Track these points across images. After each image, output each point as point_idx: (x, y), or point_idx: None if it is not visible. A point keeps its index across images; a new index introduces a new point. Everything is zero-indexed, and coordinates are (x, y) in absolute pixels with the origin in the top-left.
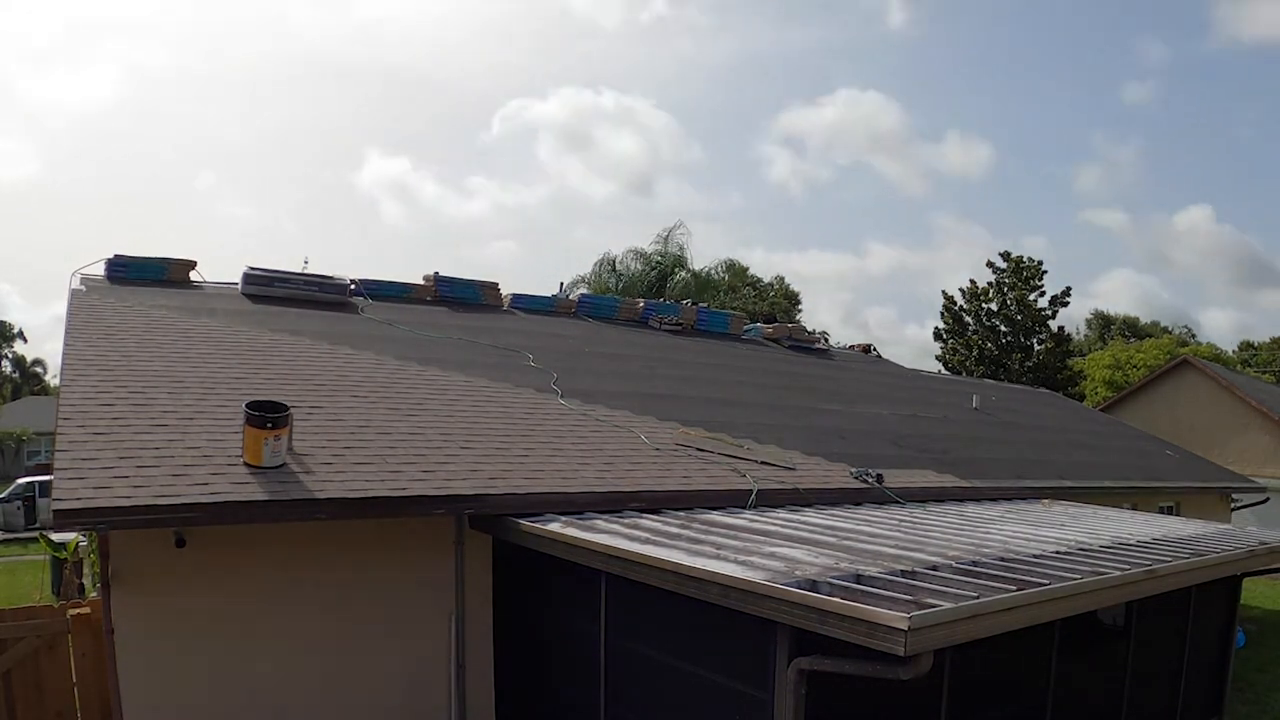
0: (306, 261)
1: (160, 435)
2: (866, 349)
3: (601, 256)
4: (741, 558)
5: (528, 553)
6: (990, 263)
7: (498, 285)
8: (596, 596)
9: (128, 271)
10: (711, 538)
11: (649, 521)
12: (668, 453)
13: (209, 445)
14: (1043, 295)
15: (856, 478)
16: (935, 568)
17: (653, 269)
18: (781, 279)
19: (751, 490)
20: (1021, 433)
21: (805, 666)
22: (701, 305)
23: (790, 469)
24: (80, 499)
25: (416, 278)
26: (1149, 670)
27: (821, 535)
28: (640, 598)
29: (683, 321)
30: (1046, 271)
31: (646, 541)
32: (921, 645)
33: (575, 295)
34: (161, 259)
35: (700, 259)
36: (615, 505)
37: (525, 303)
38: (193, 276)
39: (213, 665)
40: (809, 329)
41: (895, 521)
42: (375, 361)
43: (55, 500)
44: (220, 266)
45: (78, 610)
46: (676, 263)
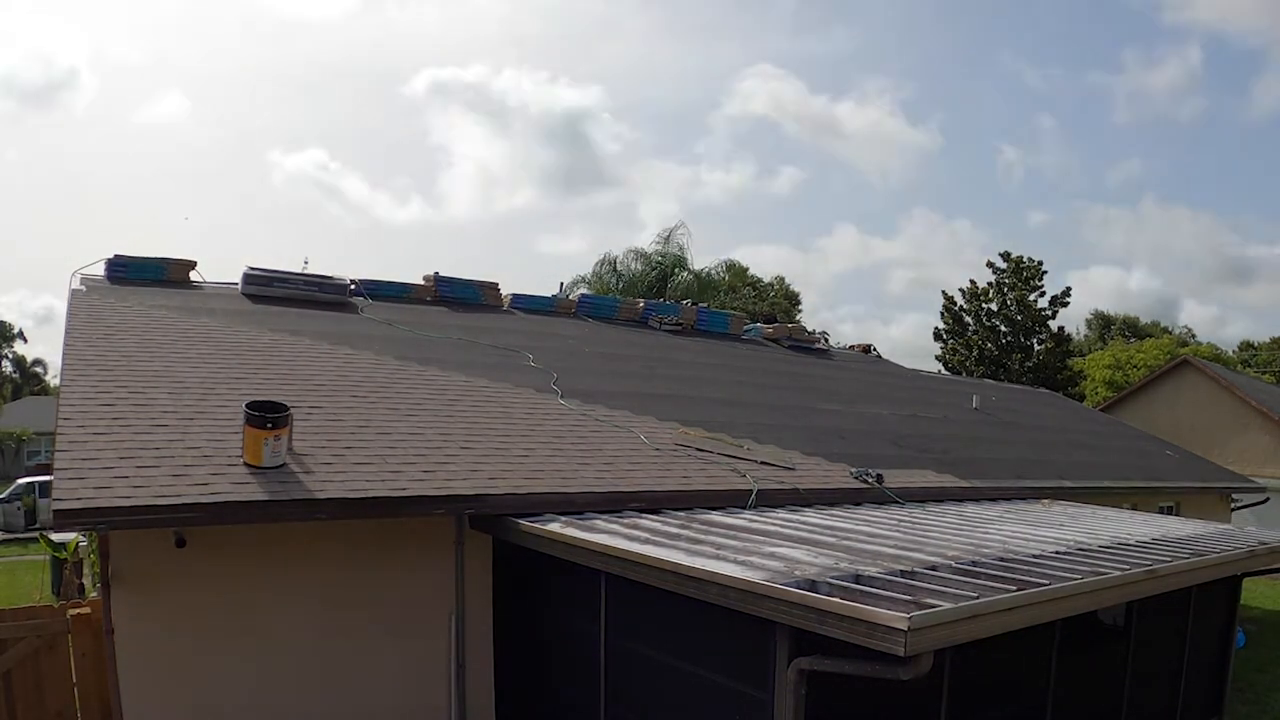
0: (306, 262)
1: (160, 435)
2: (866, 349)
3: (602, 256)
4: (741, 558)
5: (528, 553)
6: (990, 263)
7: (498, 285)
8: (596, 596)
9: (128, 271)
10: (711, 538)
11: (649, 521)
12: (668, 453)
13: (209, 445)
14: (1043, 295)
15: (856, 478)
16: (935, 568)
17: (653, 269)
18: (782, 279)
19: (751, 490)
20: (1021, 433)
21: (805, 666)
22: (702, 305)
23: (790, 469)
24: (80, 499)
25: (407, 277)
26: (1149, 670)
27: (821, 535)
28: (640, 598)
29: (683, 321)
30: (1046, 272)
31: (646, 541)
32: (921, 645)
33: (575, 295)
34: (161, 259)
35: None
36: (615, 505)
37: (525, 303)
38: (192, 276)
39: (213, 665)
40: (809, 329)
41: (895, 521)
42: (375, 361)
43: (56, 500)
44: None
45: (78, 610)
46: (677, 263)
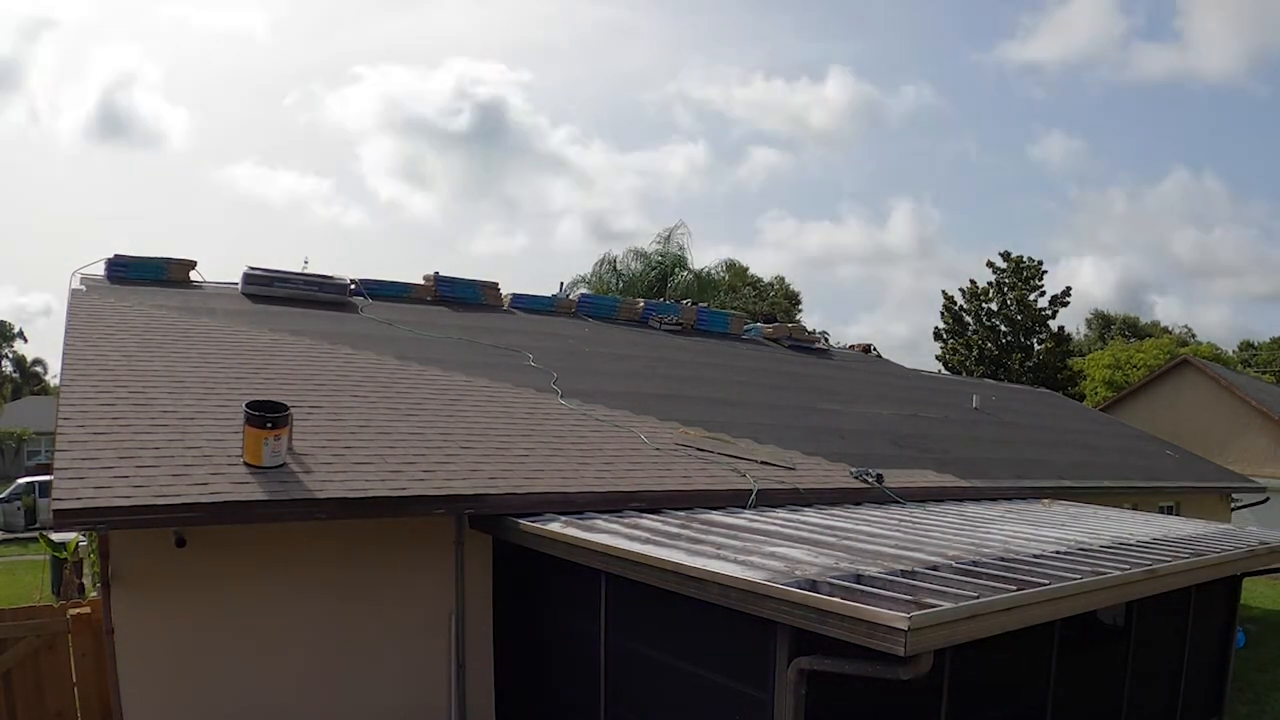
0: (306, 261)
1: (160, 435)
2: (866, 349)
3: (603, 256)
4: (741, 557)
5: (528, 553)
6: (990, 263)
7: (498, 285)
8: (596, 596)
9: (128, 271)
10: (711, 537)
11: (649, 521)
12: (668, 453)
13: (209, 445)
14: (1043, 295)
15: (856, 478)
16: (935, 568)
17: (653, 269)
18: (782, 279)
19: (751, 490)
20: (1021, 433)
21: (805, 666)
22: (702, 305)
23: (790, 469)
24: (80, 499)
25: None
26: (1149, 670)
27: (821, 535)
28: (640, 598)
29: (683, 321)
30: (1046, 271)
31: (646, 541)
32: (921, 645)
33: (575, 295)
34: (161, 259)
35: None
36: (615, 505)
37: (525, 303)
38: (192, 276)
39: (212, 665)
40: (809, 329)
41: (895, 521)
42: (375, 361)
43: (55, 500)
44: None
45: (78, 610)
46: (677, 262)
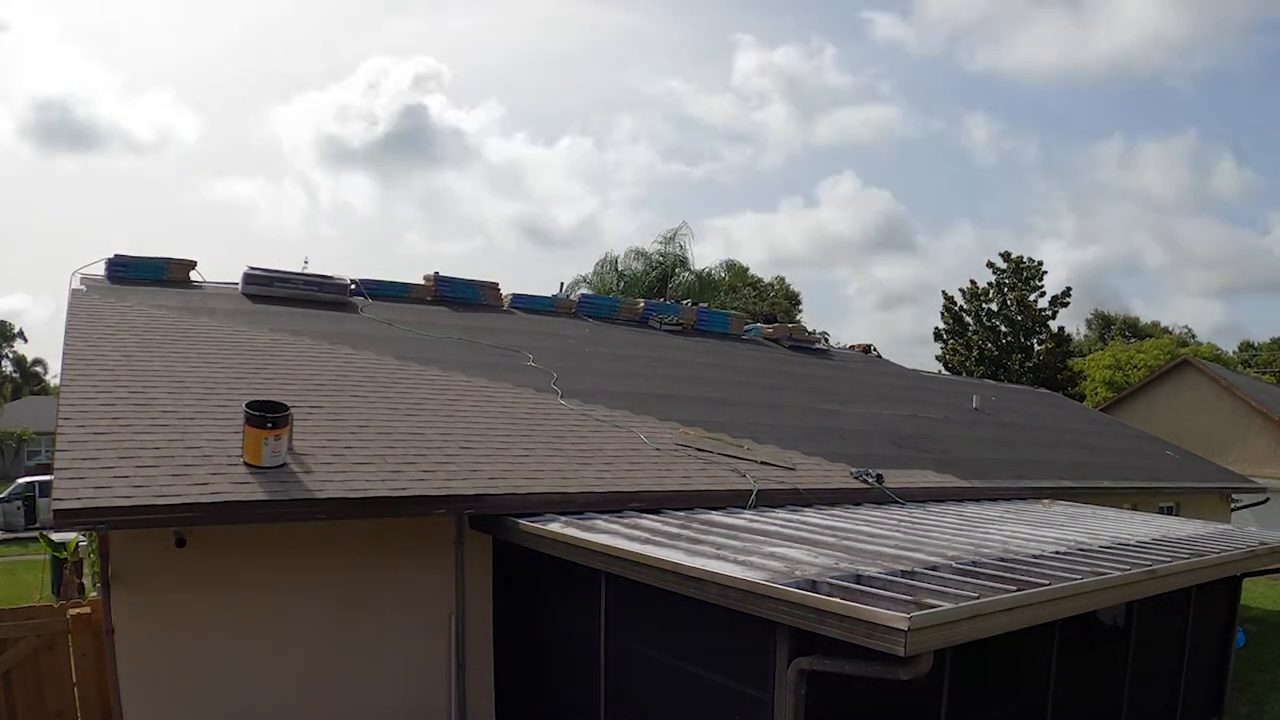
0: (306, 261)
1: (160, 435)
2: (866, 349)
3: (604, 256)
4: (741, 558)
5: (528, 553)
6: (990, 263)
7: (498, 285)
8: (596, 596)
9: (128, 271)
10: (711, 538)
11: (649, 521)
12: (668, 453)
13: (209, 445)
14: (1043, 295)
15: (856, 478)
16: (935, 568)
17: (654, 269)
18: (782, 279)
19: (751, 490)
20: (1021, 433)
21: (805, 666)
22: (702, 305)
23: (790, 469)
24: (80, 499)
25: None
26: (1149, 670)
27: (821, 535)
28: (640, 598)
29: (683, 321)
30: (1046, 272)
31: (646, 541)
32: (921, 645)
33: (575, 295)
34: (162, 259)
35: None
36: (615, 505)
37: (525, 303)
38: (193, 276)
39: (212, 665)
40: (809, 329)
41: (895, 521)
42: (375, 361)
43: (55, 500)
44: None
45: (78, 610)
46: (678, 263)
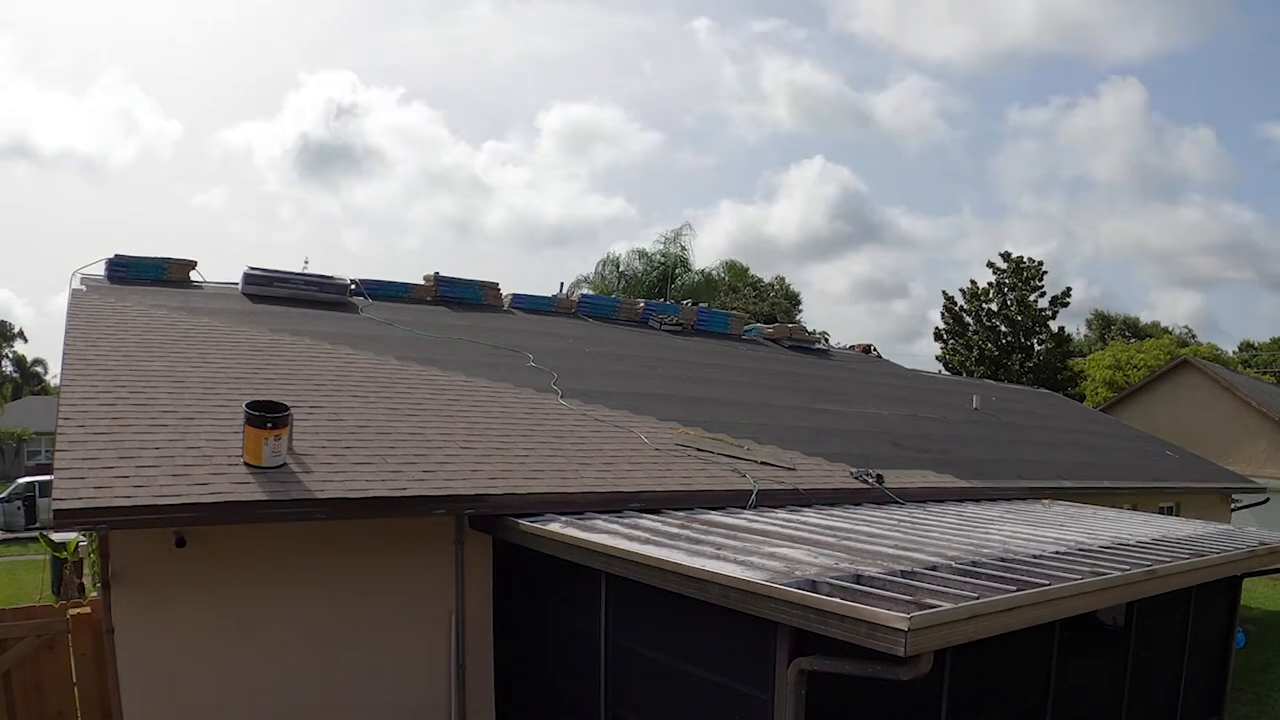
0: (306, 261)
1: (161, 435)
2: (866, 349)
3: (605, 256)
4: (741, 558)
5: (528, 553)
6: (991, 263)
7: (498, 285)
8: (597, 596)
9: (128, 271)
10: (711, 538)
11: (649, 521)
12: (668, 453)
13: (209, 445)
14: (1043, 296)
15: (856, 478)
16: (935, 568)
17: (655, 269)
18: (782, 279)
19: (751, 490)
20: (1021, 433)
21: (805, 667)
22: (702, 305)
23: (790, 469)
24: (80, 499)
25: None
26: (1149, 670)
27: (821, 535)
28: (640, 598)
29: (683, 321)
30: (1047, 272)
31: (646, 541)
32: (921, 646)
33: (576, 295)
34: (162, 259)
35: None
36: (615, 505)
37: (525, 303)
38: (193, 276)
39: (212, 665)
40: (809, 329)
41: (895, 521)
42: (375, 361)
43: (55, 500)
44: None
45: (78, 610)
46: (678, 263)
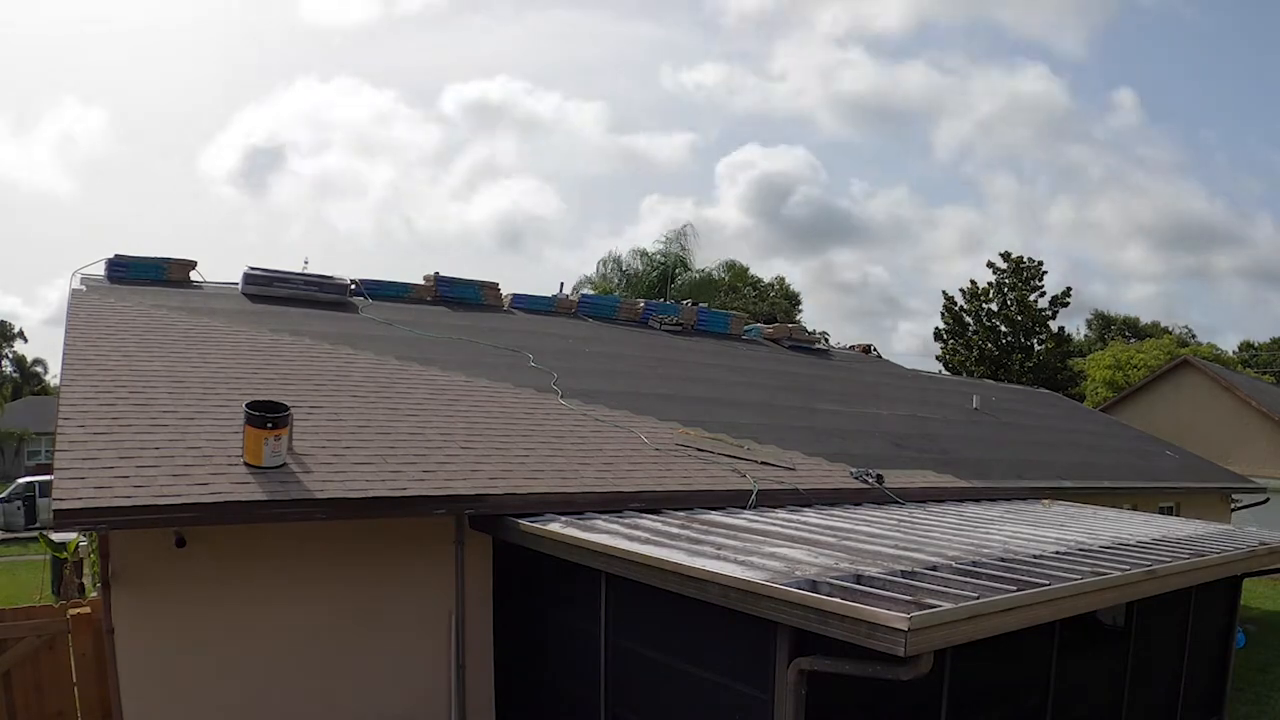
0: (306, 262)
1: (161, 435)
2: (866, 349)
3: (606, 255)
4: (741, 558)
5: (528, 553)
6: (990, 263)
7: (498, 285)
8: (597, 596)
9: (128, 271)
10: (711, 538)
11: (649, 521)
12: (668, 453)
13: (209, 445)
14: (1043, 295)
15: (856, 478)
16: (935, 568)
17: (655, 269)
18: (782, 279)
19: (751, 490)
20: (1021, 433)
21: (805, 667)
22: (702, 305)
23: (790, 469)
24: (80, 499)
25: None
26: (1149, 670)
27: (821, 535)
28: (640, 598)
29: (683, 321)
30: (1047, 272)
31: (646, 541)
32: (921, 646)
33: (575, 295)
34: (161, 259)
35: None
36: (615, 505)
37: (525, 303)
38: (193, 276)
39: (213, 665)
40: (809, 329)
41: (895, 521)
42: (375, 361)
43: (55, 500)
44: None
45: (78, 610)
46: (679, 263)
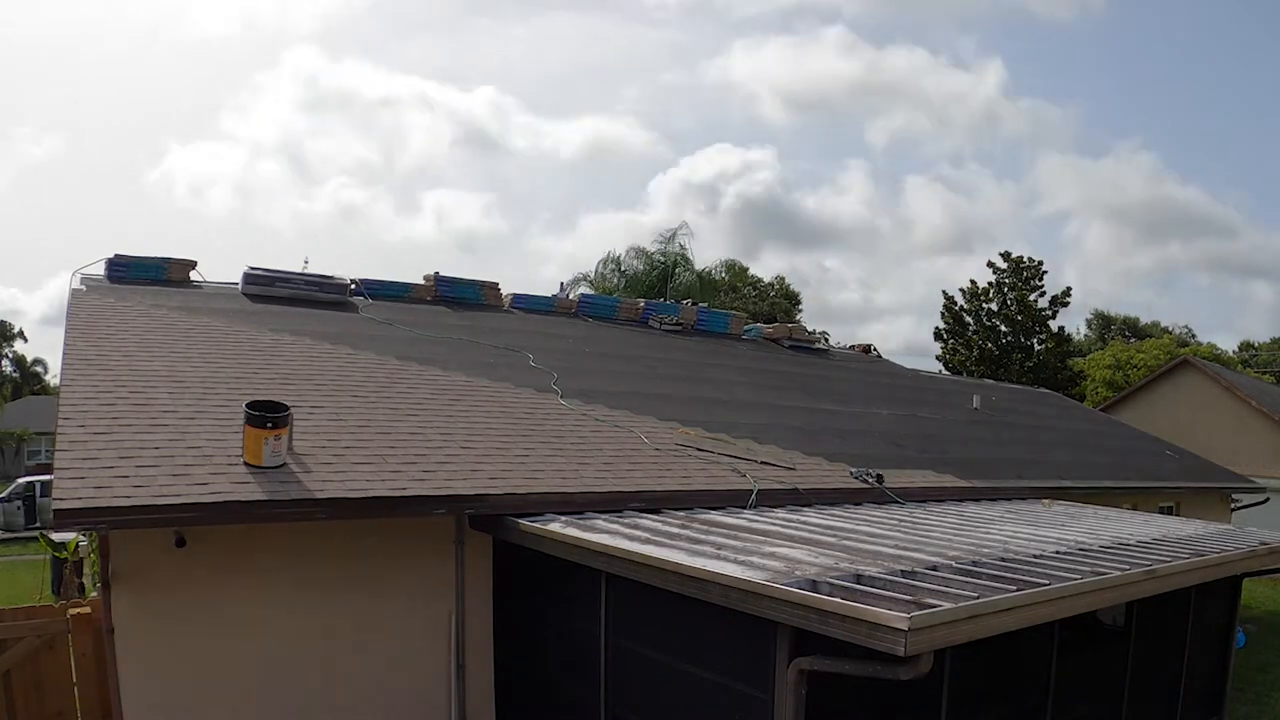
0: (306, 261)
1: (161, 435)
2: (866, 349)
3: (605, 255)
4: (742, 558)
5: (528, 553)
6: (990, 263)
7: (498, 285)
8: (597, 596)
9: (128, 271)
10: (712, 537)
11: (649, 521)
12: (668, 453)
13: (209, 445)
14: (1043, 295)
15: (856, 478)
16: (935, 568)
17: (654, 269)
18: (782, 279)
19: (751, 490)
20: (1021, 433)
21: (805, 666)
22: (701, 305)
23: (790, 469)
24: (80, 499)
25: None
26: (1149, 670)
27: (821, 535)
28: (641, 598)
29: (683, 321)
30: (1046, 272)
31: (646, 541)
32: (922, 645)
33: (575, 295)
34: (161, 259)
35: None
36: (615, 505)
37: (525, 303)
38: (193, 276)
39: (212, 664)
40: (809, 329)
41: (895, 521)
42: (375, 361)
43: (55, 500)
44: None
45: (78, 610)
46: (678, 262)
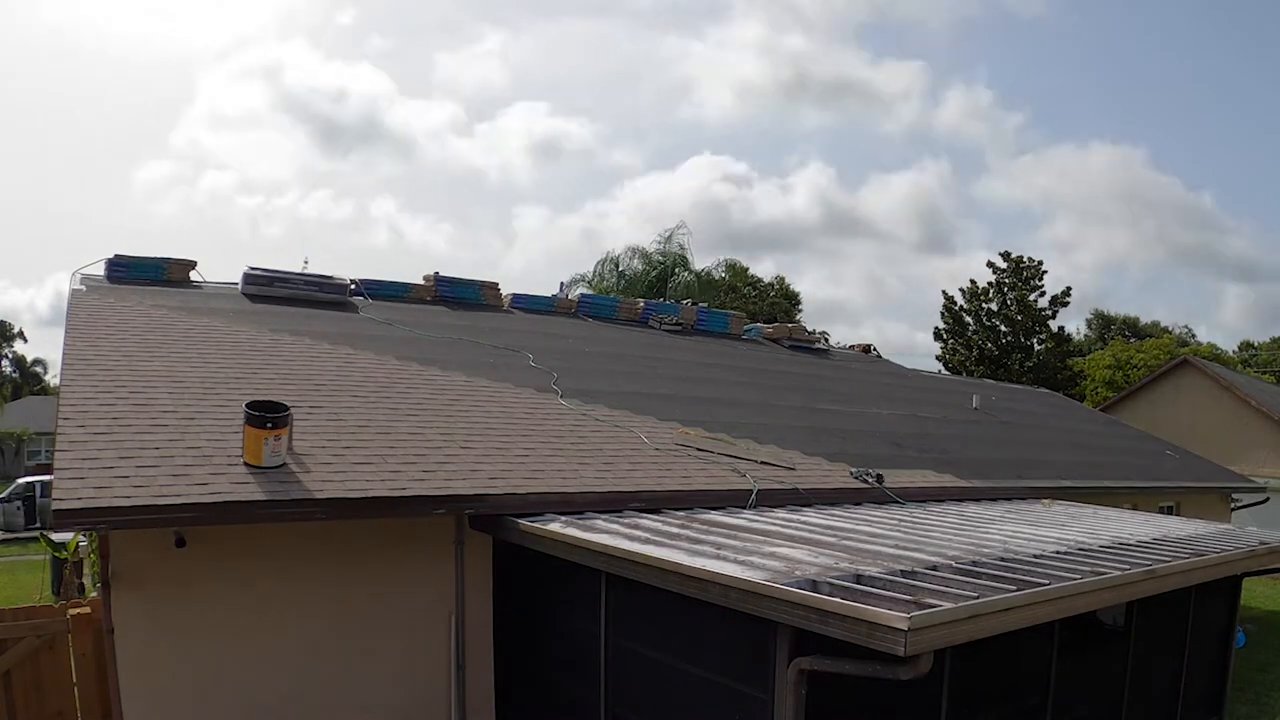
0: (306, 262)
1: (160, 435)
2: (866, 349)
3: (604, 255)
4: (742, 558)
5: (528, 553)
6: (990, 263)
7: (498, 285)
8: (597, 596)
9: (128, 271)
10: (711, 537)
11: (649, 521)
12: (668, 453)
13: (209, 445)
14: (1043, 295)
15: (856, 478)
16: (935, 568)
17: (654, 269)
18: (782, 279)
19: (751, 490)
20: (1021, 433)
21: (805, 666)
22: (701, 305)
23: (790, 469)
24: (80, 499)
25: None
26: (1149, 670)
27: (821, 535)
28: (641, 598)
29: (683, 321)
30: (1046, 271)
31: (646, 541)
32: (921, 645)
33: (575, 295)
34: (161, 259)
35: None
36: (615, 505)
37: (525, 303)
38: (192, 276)
39: (212, 665)
40: (809, 329)
41: (895, 521)
42: (375, 361)
43: (55, 500)
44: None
45: (78, 610)
46: (678, 262)
